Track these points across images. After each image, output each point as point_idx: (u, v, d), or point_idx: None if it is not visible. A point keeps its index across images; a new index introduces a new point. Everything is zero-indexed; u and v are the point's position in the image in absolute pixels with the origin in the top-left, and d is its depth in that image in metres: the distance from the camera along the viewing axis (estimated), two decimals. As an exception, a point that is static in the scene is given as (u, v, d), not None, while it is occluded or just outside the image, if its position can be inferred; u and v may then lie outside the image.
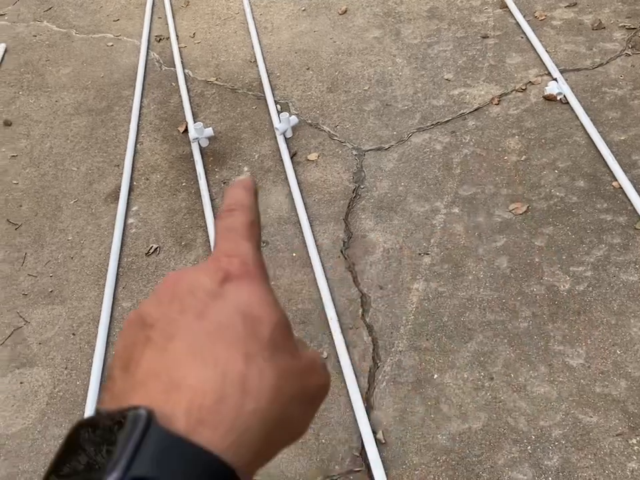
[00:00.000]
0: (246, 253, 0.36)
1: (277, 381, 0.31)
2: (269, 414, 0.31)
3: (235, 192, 0.41)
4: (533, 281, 2.16)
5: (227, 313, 0.33)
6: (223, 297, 0.33)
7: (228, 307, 0.33)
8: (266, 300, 0.34)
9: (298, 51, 3.33)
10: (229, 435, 0.29)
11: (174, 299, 0.33)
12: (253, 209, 0.41)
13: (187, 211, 2.63)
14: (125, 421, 0.28)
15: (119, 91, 3.31)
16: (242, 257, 0.36)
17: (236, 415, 0.30)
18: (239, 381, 0.30)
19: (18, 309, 2.38)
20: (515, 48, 3.08)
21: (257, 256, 0.37)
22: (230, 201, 0.41)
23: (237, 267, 0.35)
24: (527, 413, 1.86)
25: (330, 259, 2.35)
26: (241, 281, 0.34)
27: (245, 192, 0.41)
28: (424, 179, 2.57)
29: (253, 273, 0.35)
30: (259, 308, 0.33)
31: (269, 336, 0.32)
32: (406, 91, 2.98)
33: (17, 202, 2.80)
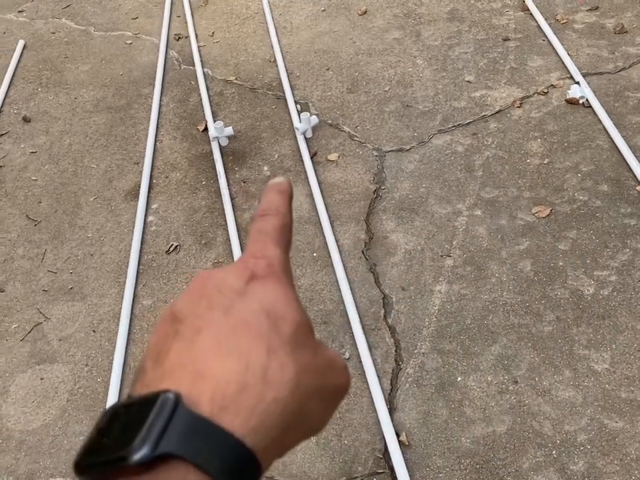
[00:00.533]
0: (273, 256, 0.38)
1: (297, 375, 0.33)
2: (288, 404, 0.32)
3: (269, 196, 0.43)
4: (557, 285, 2.14)
5: (251, 310, 0.34)
6: (249, 295, 0.35)
7: (253, 304, 0.35)
8: (289, 300, 0.36)
9: (317, 51, 3.33)
10: (249, 421, 0.31)
11: (203, 297, 0.35)
12: (286, 213, 0.42)
13: (207, 209, 2.62)
14: (155, 403, 0.30)
15: (138, 88, 3.31)
16: (269, 258, 0.38)
17: (256, 403, 0.31)
18: (261, 372, 0.32)
19: (38, 304, 2.38)
20: (536, 51, 3.07)
21: (283, 259, 0.39)
22: (264, 205, 0.42)
23: (262, 267, 0.37)
24: (551, 417, 1.84)
25: (351, 260, 2.34)
26: (266, 281, 0.36)
27: (280, 196, 0.43)
28: (445, 180, 2.55)
29: (278, 274, 0.37)
30: (282, 307, 0.35)
31: (291, 333, 0.34)
32: (427, 92, 2.97)
33: (37, 198, 2.80)
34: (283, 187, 0.44)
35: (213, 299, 0.35)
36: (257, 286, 0.36)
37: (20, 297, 2.42)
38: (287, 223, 0.42)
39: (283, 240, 0.40)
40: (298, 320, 0.35)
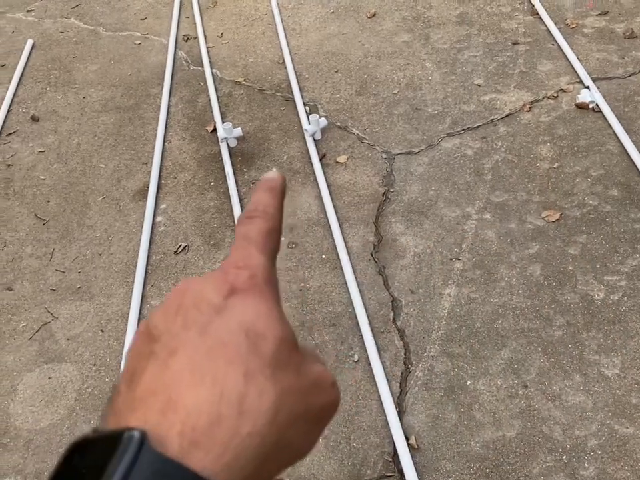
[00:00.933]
0: (257, 265, 0.35)
1: (278, 401, 0.31)
2: (266, 436, 0.30)
3: (258, 195, 0.40)
4: (567, 289, 2.14)
5: (229, 329, 0.32)
6: (227, 311, 0.33)
7: (231, 323, 0.32)
8: (271, 315, 0.33)
9: (326, 53, 3.33)
10: (222, 457, 0.29)
11: (179, 312, 0.33)
12: (275, 214, 0.39)
13: (216, 210, 2.62)
14: (118, 444, 0.27)
15: (147, 89, 3.31)
16: (252, 269, 0.35)
17: (230, 437, 0.29)
18: (237, 401, 0.29)
19: (46, 304, 2.37)
20: (545, 55, 3.07)
21: (268, 268, 0.36)
22: (252, 205, 0.39)
23: (244, 280, 0.34)
24: (561, 422, 1.84)
25: (360, 262, 2.34)
26: (247, 294, 0.34)
27: (270, 194, 0.40)
28: (455, 183, 2.55)
29: (260, 287, 0.34)
30: (263, 323, 0.32)
31: (272, 353, 0.32)
32: (436, 95, 2.96)
33: (45, 197, 2.80)
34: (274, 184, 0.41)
35: (189, 316, 0.33)
36: (237, 301, 0.33)
37: (28, 295, 2.41)
38: (275, 227, 0.39)
39: (269, 246, 0.37)
40: (280, 336, 0.32)
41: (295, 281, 2.30)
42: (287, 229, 2.48)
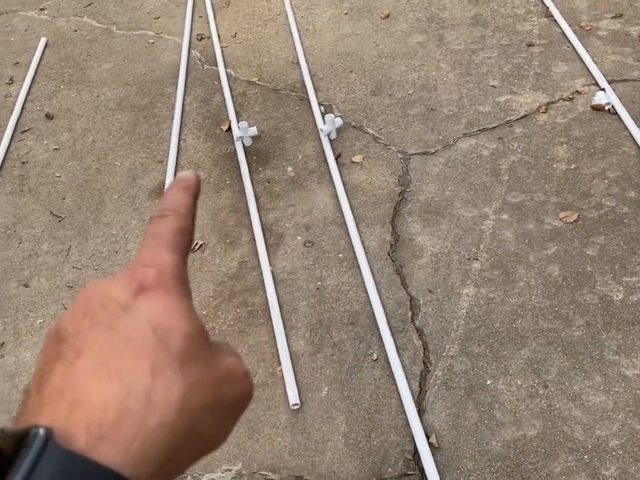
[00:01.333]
0: (165, 263, 0.36)
1: (186, 393, 0.31)
2: (176, 427, 0.31)
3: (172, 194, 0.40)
4: (586, 290, 2.14)
5: (136, 326, 0.32)
6: (135, 309, 0.33)
7: (138, 320, 0.33)
8: (179, 311, 0.34)
9: (340, 53, 3.33)
10: (129, 449, 0.29)
11: (87, 313, 0.33)
12: (187, 213, 0.39)
13: (232, 208, 2.62)
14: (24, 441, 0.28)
15: (161, 88, 3.31)
16: (159, 267, 0.35)
17: (138, 430, 0.29)
18: (144, 395, 0.30)
19: (63, 300, 2.38)
20: (560, 57, 3.07)
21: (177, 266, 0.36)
22: (164, 205, 0.40)
23: (151, 277, 0.35)
24: (582, 422, 1.83)
25: (377, 261, 2.34)
26: (155, 292, 0.34)
27: (183, 193, 0.40)
28: (471, 184, 2.55)
29: (168, 284, 0.35)
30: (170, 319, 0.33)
31: (180, 347, 0.32)
32: (451, 96, 2.97)
33: (60, 195, 2.81)
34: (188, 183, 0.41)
35: (96, 316, 0.33)
36: (144, 298, 0.34)
37: (44, 292, 2.42)
38: (187, 225, 0.39)
39: (179, 244, 0.38)
40: (188, 331, 0.33)
41: (312, 279, 2.30)
42: (304, 227, 2.49)
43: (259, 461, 1.87)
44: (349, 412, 1.94)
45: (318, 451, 1.87)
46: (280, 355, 2.07)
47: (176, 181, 0.41)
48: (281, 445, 1.89)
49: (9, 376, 2.16)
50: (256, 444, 1.90)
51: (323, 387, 2.00)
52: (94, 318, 0.33)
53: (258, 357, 2.10)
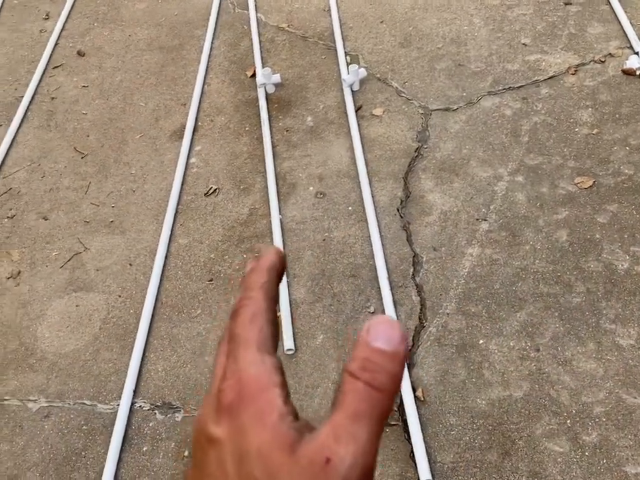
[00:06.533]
0: (242, 368, 0.31)
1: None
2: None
3: (252, 278, 0.35)
4: (591, 257, 2.12)
5: (218, 464, 0.30)
6: (220, 443, 0.30)
7: (220, 456, 0.30)
8: (275, 436, 0.29)
9: (373, 2, 3.28)
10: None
11: (192, 450, 0.33)
12: (269, 300, 0.34)
13: (248, 155, 2.65)
14: None
15: (191, 30, 3.32)
16: (237, 374, 0.31)
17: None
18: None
19: (79, 235, 2.45)
20: (597, 17, 2.97)
21: (260, 370, 0.31)
22: (242, 292, 0.35)
23: (229, 392, 0.31)
24: (570, 387, 1.84)
25: (385, 216, 2.34)
26: (239, 412, 0.30)
27: (266, 275, 0.35)
28: (490, 143, 2.52)
29: (251, 395, 0.30)
30: (267, 451, 0.29)
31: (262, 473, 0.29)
32: (480, 52, 2.91)
33: (85, 132, 2.87)
34: (271, 262, 0.36)
35: (195, 454, 0.32)
36: (230, 424, 0.30)
37: (62, 226, 2.50)
38: (269, 314, 0.34)
39: (261, 339, 0.33)
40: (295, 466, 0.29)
41: (320, 230, 2.33)
42: (317, 178, 2.50)
43: (250, 401, 1.93)
44: (341, 360, 1.98)
45: (307, 395, 1.92)
46: (280, 302, 2.12)
47: (257, 260, 0.36)
48: (272, 387, 1.95)
49: (22, 303, 2.26)
50: (249, 385, 1.96)
51: (319, 335, 2.05)
52: (195, 456, 0.32)
53: (259, 301, 2.15)
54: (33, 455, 1.89)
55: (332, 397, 0.30)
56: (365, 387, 0.29)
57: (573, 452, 1.73)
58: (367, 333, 0.30)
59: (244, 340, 0.32)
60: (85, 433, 1.93)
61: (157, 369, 2.04)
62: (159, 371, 2.03)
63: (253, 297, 0.34)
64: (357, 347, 0.30)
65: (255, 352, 0.32)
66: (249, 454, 0.29)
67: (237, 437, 0.30)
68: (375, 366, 0.30)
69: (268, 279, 0.35)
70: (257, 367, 0.31)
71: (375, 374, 0.29)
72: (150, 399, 1.97)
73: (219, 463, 0.30)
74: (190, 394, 1.97)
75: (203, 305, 2.18)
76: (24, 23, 3.54)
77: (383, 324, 0.31)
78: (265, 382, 0.31)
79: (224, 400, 0.31)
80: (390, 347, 0.30)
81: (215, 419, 0.31)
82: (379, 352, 0.30)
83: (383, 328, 0.30)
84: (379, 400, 0.29)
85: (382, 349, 0.30)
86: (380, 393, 0.29)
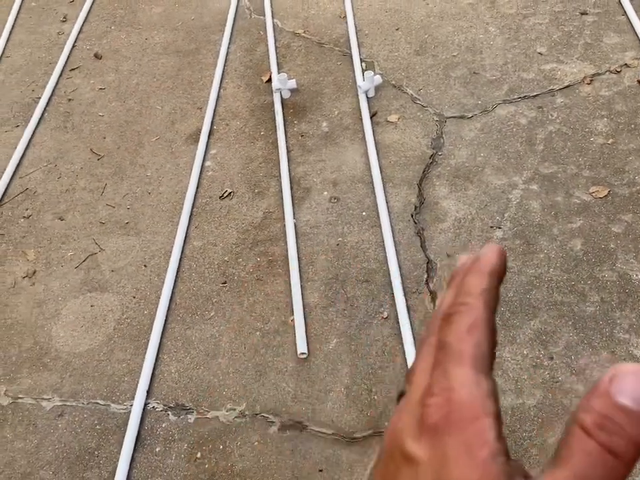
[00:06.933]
0: (454, 387, 0.28)
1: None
2: None
3: (470, 280, 0.31)
4: (606, 267, 2.12)
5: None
6: (418, 464, 0.28)
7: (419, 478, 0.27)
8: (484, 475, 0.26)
9: (389, 10, 3.29)
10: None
11: (384, 460, 0.30)
12: (488, 308, 0.30)
13: (263, 159, 2.66)
14: None
15: (208, 34, 3.34)
16: (447, 393, 0.28)
17: None
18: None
19: (94, 235, 2.47)
20: (614, 28, 2.97)
21: (472, 385, 0.28)
22: (453, 296, 0.31)
23: (436, 412, 0.28)
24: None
25: (399, 222, 2.35)
26: (444, 437, 0.27)
27: (487, 279, 0.31)
28: (505, 151, 2.53)
29: (461, 421, 0.27)
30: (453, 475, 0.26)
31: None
32: (496, 60, 2.91)
33: (101, 134, 2.89)
34: (492, 265, 0.31)
35: (386, 469, 0.30)
36: (427, 448, 0.28)
37: (78, 226, 2.51)
38: (488, 324, 0.30)
39: (476, 354, 0.29)
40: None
41: (333, 235, 2.34)
42: (331, 183, 2.51)
43: (263, 403, 1.94)
44: (354, 365, 1.98)
45: (320, 400, 1.92)
46: (294, 305, 2.13)
47: (477, 260, 0.32)
48: (285, 390, 1.96)
49: (37, 302, 2.27)
50: (262, 387, 1.97)
51: (332, 339, 2.05)
52: (386, 468, 0.29)
53: (272, 305, 2.16)
54: (46, 454, 1.90)
55: (555, 448, 0.27)
56: (600, 449, 0.25)
57: (585, 461, 1.72)
58: (609, 381, 0.25)
59: (458, 353, 0.29)
60: (98, 432, 1.94)
61: (171, 370, 2.05)
62: (172, 372, 2.04)
63: (471, 303, 0.30)
64: (595, 395, 0.26)
65: (470, 371, 0.28)
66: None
67: (439, 463, 0.27)
68: (615, 426, 0.25)
69: (489, 285, 0.30)
70: (471, 390, 0.28)
71: (613, 436, 0.25)
72: (163, 400, 1.98)
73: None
74: (203, 396, 1.98)
75: (217, 307, 2.19)
76: (42, 25, 3.58)
77: (633, 375, 0.26)
78: (477, 409, 0.27)
79: (428, 419, 0.28)
80: (638, 406, 0.25)
81: (416, 436, 0.28)
82: (622, 410, 0.25)
83: (632, 381, 0.25)
84: (613, 468, 0.25)
85: (628, 407, 0.25)
86: (615, 460, 0.25)
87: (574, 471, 0.25)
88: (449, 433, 0.27)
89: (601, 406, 0.25)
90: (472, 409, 0.27)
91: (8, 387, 2.06)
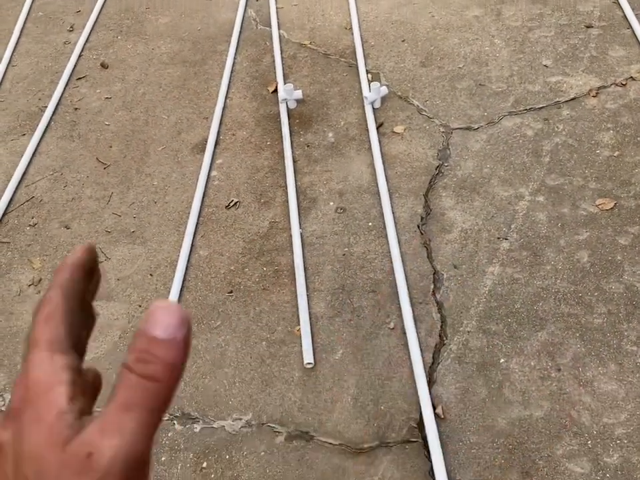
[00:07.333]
0: (29, 370, 0.31)
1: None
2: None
3: (53, 279, 0.35)
4: (613, 279, 2.11)
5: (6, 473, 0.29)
6: (3, 448, 0.30)
7: (7, 461, 0.30)
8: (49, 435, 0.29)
9: (395, 22, 3.31)
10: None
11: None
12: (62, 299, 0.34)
13: (269, 169, 2.66)
14: None
15: (214, 45, 3.35)
16: (24, 378, 0.31)
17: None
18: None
19: (100, 244, 2.47)
20: (619, 41, 2.98)
21: (45, 364, 0.31)
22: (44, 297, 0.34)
23: (15, 397, 0.30)
24: (591, 408, 1.83)
25: (406, 233, 2.35)
26: (21, 415, 0.30)
27: (66, 272, 0.35)
28: (511, 163, 2.53)
29: (35, 397, 0.30)
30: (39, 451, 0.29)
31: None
32: (501, 72, 2.92)
33: (108, 142, 2.89)
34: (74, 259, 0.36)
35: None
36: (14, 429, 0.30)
37: (84, 235, 2.51)
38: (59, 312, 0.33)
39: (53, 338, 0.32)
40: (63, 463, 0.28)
41: (340, 245, 2.33)
42: (337, 193, 2.51)
43: (269, 413, 1.93)
44: (361, 376, 1.98)
45: (326, 410, 1.92)
46: (300, 315, 2.12)
47: (65, 258, 0.36)
48: (291, 400, 1.95)
49: (43, 311, 2.26)
50: (268, 397, 1.96)
51: (338, 350, 2.05)
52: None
53: (279, 315, 2.16)
54: (51, 462, 1.89)
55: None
56: (138, 378, 0.29)
57: (594, 473, 1.72)
58: (145, 321, 0.29)
59: (34, 341, 0.32)
60: (104, 441, 1.92)
61: (176, 380, 2.04)
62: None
63: (49, 296, 0.34)
64: (136, 336, 0.30)
65: (44, 353, 0.31)
66: (25, 455, 0.29)
67: (17, 439, 0.29)
68: (150, 357, 0.29)
69: (69, 276, 0.35)
70: (43, 368, 0.31)
71: (149, 364, 0.29)
72: (169, 410, 1.97)
73: (1, 467, 0.30)
74: (209, 405, 1.97)
75: (223, 316, 2.18)
76: (48, 35, 3.59)
77: (161, 309, 0.30)
78: (50, 382, 0.30)
79: (11, 405, 0.31)
80: (166, 334, 0.29)
81: (3, 424, 0.30)
82: (155, 341, 0.29)
83: (161, 314, 0.30)
84: (152, 390, 0.29)
85: (158, 337, 0.29)
86: (154, 383, 0.29)
87: (117, 402, 0.28)
88: (25, 410, 0.29)
89: (140, 343, 0.29)
90: (45, 384, 0.30)
91: (13, 395, 2.05)
